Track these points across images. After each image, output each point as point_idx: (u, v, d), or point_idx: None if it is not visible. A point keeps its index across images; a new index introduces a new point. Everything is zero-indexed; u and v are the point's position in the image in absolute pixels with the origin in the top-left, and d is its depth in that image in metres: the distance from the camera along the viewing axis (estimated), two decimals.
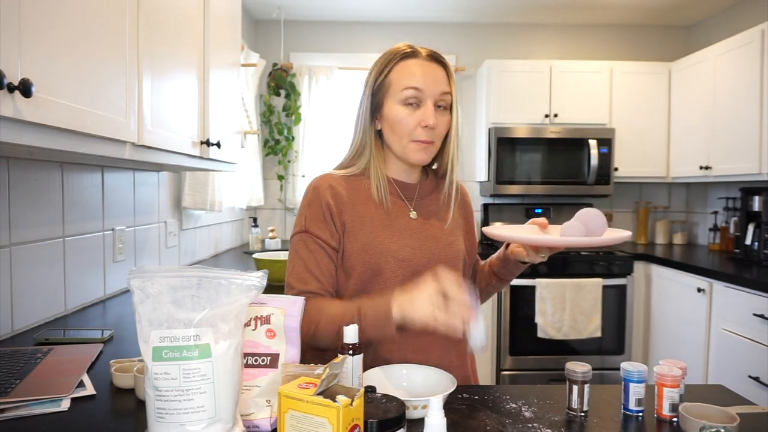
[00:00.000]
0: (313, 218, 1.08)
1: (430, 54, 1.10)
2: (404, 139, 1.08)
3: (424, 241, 1.12)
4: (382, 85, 1.09)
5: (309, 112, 3.59)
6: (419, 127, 1.06)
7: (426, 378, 0.98)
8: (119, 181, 1.81)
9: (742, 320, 2.32)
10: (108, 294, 1.75)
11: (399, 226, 1.11)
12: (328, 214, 1.08)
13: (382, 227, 1.10)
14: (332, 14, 3.57)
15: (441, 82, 1.07)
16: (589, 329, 3.00)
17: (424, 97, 1.06)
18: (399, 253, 1.08)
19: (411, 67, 1.07)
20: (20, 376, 0.96)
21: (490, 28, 3.74)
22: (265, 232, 3.60)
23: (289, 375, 0.74)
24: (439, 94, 1.07)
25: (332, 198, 1.09)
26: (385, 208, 1.11)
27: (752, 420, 0.87)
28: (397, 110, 1.07)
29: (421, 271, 1.08)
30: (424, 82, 1.06)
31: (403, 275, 1.08)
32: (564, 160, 3.35)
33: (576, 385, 0.89)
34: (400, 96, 1.07)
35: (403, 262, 1.08)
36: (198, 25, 1.63)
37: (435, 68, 1.08)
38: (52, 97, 0.87)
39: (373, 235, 1.08)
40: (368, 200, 1.11)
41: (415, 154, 1.08)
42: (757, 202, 2.78)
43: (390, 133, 1.10)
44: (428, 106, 1.06)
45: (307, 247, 1.07)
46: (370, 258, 1.07)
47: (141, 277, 0.68)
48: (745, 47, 2.74)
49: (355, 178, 1.13)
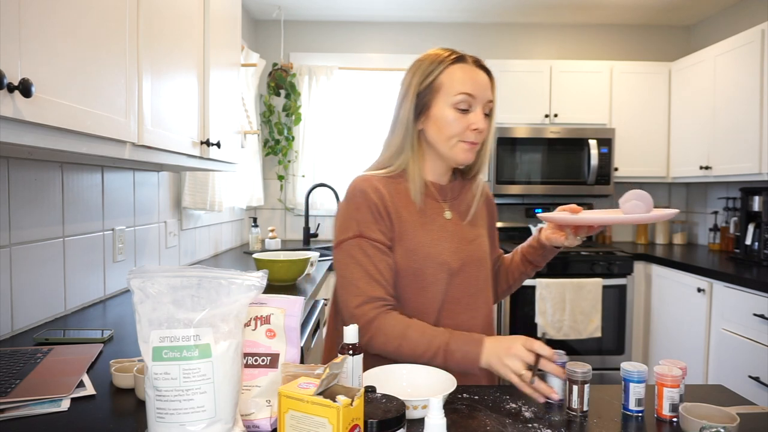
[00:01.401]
0: (365, 222, 1.08)
1: (476, 61, 1.14)
2: (453, 140, 1.11)
3: (458, 243, 1.15)
4: (431, 88, 1.11)
5: (309, 112, 3.59)
6: (468, 131, 1.10)
7: (426, 378, 0.98)
8: (119, 181, 1.81)
9: (742, 320, 2.32)
10: (108, 294, 1.75)
11: (435, 227, 1.14)
12: (378, 215, 1.09)
13: (422, 231, 1.12)
14: (332, 14, 3.57)
15: (488, 89, 1.12)
16: (589, 329, 3.00)
17: (475, 103, 1.10)
18: (438, 257, 1.12)
19: (462, 72, 1.10)
20: (20, 376, 0.96)
21: (490, 28, 3.74)
22: (265, 232, 3.60)
23: (289, 375, 0.74)
24: (487, 101, 1.12)
25: (379, 200, 1.10)
26: (421, 209, 1.14)
27: (752, 420, 0.87)
28: (447, 112, 1.10)
29: (457, 272, 1.13)
30: (476, 88, 1.10)
31: (442, 278, 1.11)
32: (564, 160, 3.35)
33: (576, 385, 0.89)
34: (452, 100, 1.09)
35: (441, 265, 1.11)
36: (198, 25, 1.63)
37: (483, 75, 1.13)
38: (52, 97, 0.87)
39: (415, 240, 1.11)
40: (408, 202, 1.13)
41: (463, 153, 1.12)
42: (757, 202, 2.78)
43: (437, 134, 1.12)
44: (478, 112, 1.10)
45: (364, 251, 1.07)
46: (413, 263, 1.10)
47: (141, 277, 0.68)
48: (745, 47, 2.74)
49: (393, 180, 1.14)
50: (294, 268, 1.96)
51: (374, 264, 1.07)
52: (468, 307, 1.15)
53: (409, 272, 1.09)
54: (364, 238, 1.07)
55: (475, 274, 1.16)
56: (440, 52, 1.13)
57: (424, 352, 1.00)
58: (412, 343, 1.01)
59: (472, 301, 1.15)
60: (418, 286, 1.11)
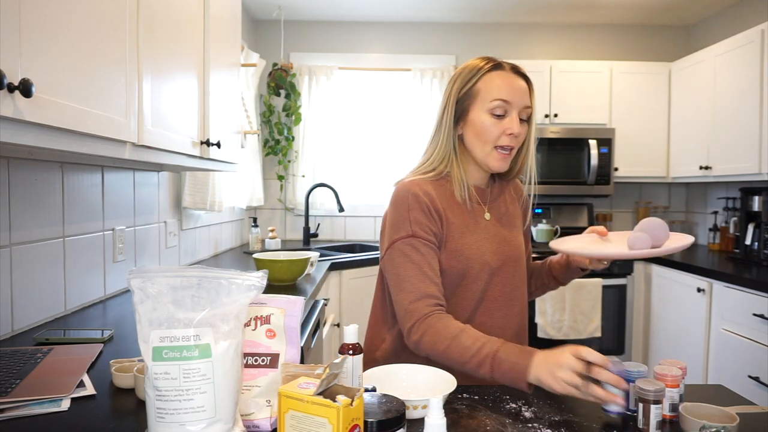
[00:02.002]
0: (418, 222, 1.11)
1: (514, 68, 1.17)
2: (488, 146, 1.14)
3: (498, 245, 1.19)
4: (469, 94, 1.15)
5: (309, 112, 3.59)
6: (504, 135, 1.13)
7: (426, 378, 0.98)
8: (119, 181, 1.81)
9: (742, 320, 2.32)
10: (108, 294, 1.75)
11: (478, 229, 1.18)
12: (430, 216, 1.12)
13: (467, 232, 1.16)
14: (332, 14, 3.57)
15: (525, 95, 1.15)
16: (589, 329, 3.00)
17: (510, 109, 1.13)
18: (481, 258, 1.15)
19: (499, 79, 1.14)
20: (20, 376, 0.96)
21: (490, 28, 3.74)
22: (265, 232, 3.60)
23: (289, 375, 0.74)
24: (523, 106, 1.14)
25: (430, 201, 1.13)
26: (466, 211, 1.18)
27: (752, 420, 0.87)
28: (484, 118, 1.13)
29: (496, 272, 1.16)
30: (511, 94, 1.13)
31: (484, 278, 1.15)
32: (564, 160, 3.35)
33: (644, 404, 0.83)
34: (488, 105, 1.13)
35: (484, 266, 1.15)
36: (198, 25, 1.63)
37: (520, 81, 1.16)
38: (53, 97, 0.87)
39: (461, 241, 1.14)
40: (453, 204, 1.17)
41: (496, 161, 1.15)
42: (757, 202, 2.78)
43: (474, 138, 1.16)
44: (513, 117, 1.13)
45: (418, 250, 1.10)
46: (458, 264, 1.13)
47: (141, 277, 0.68)
48: (745, 47, 2.74)
49: (439, 183, 1.18)
50: (294, 268, 1.96)
51: (428, 262, 1.10)
52: (504, 304, 1.18)
53: (453, 272, 1.13)
54: (418, 238, 1.10)
55: (512, 272, 1.20)
56: (478, 62, 1.18)
57: (472, 358, 0.97)
58: (462, 348, 0.99)
59: (508, 299, 1.19)
60: (459, 285, 1.14)
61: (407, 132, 3.60)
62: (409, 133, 3.58)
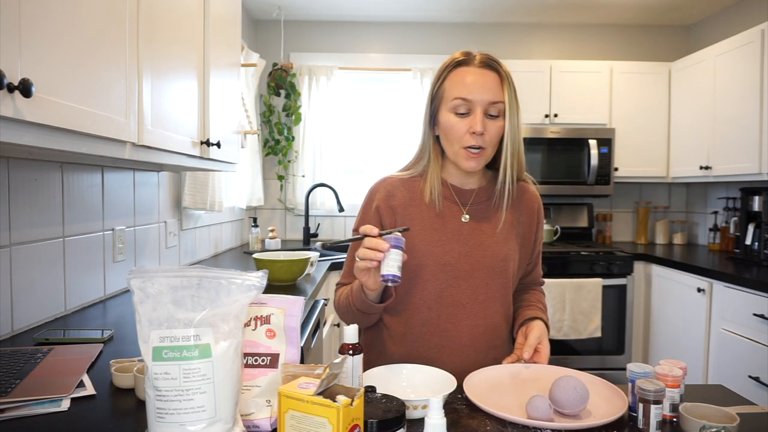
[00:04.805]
0: (362, 218, 1.21)
1: (483, 60, 1.12)
2: (456, 146, 1.11)
3: (471, 248, 1.14)
4: (437, 94, 1.14)
5: (309, 112, 3.59)
6: (468, 134, 1.09)
7: (426, 378, 0.98)
8: (119, 181, 1.81)
9: (742, 320, 2.32)
10: (108, 294, 1.75)
11: (449, 230, 1.15)
12: (377, 212, 1.18)
13: (431, 230, 1.14)
14: (332, 14, 3.57)
15: (491, 91, 1.09)
16: (589, 329, 3.00)
17: (473, 106, 1.08)
18: (443, 257, 1.12)
19: (462, 76, 1.10)
20: (20, 376, 0.96)
21: (490, 28, 3.74)
22: (265, 232, 3.60)
23: (289, 375, 0.74)
24: (489, 102, 1.08)
25: (383, 201, 1.17)
26: (437, 211, 1.16)
27: (752, 420, 0.87)
28: (447, 118, 1.11)
29: (463, 276, 1.13)
30: (473, 91, 1.08)
31: (443, 279, 1.12)
32: (564, 160, 3.35)
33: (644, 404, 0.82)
34: (450, 105, 1.10)
35: (445, 266, 1.12)
36: (198, 25, 1.63)
37: (487, 75, 1.10)
38: (52, 97, 0.87)
39: (418, 237, 1.13)
40: (419, 202, 1.17)
41: (465, 161, 1.11)
42: (757, 202, 2.78)
43: (444, 139, 1.14)
44: (477, 114, 1.08)
45: (353, 248, 1.20)
46: (413, 259, 1.11)
47: (141, 277, 0.68)
48: (745, 47, 2.74)
49: (412, 181, 1.19)
50: (294, 268, 1.96)
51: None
52: (472, 313, 1.13)
53: (407, 266, 1.08)
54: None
55: (485, 281, 1.14)
56: (448, 59, 1.15)
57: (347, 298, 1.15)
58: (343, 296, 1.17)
59: (480, 309, 1.14)
60: (415, 282, 1.13)
61: (407, 132, 3.60)
62: (409, 133, 3.58)
